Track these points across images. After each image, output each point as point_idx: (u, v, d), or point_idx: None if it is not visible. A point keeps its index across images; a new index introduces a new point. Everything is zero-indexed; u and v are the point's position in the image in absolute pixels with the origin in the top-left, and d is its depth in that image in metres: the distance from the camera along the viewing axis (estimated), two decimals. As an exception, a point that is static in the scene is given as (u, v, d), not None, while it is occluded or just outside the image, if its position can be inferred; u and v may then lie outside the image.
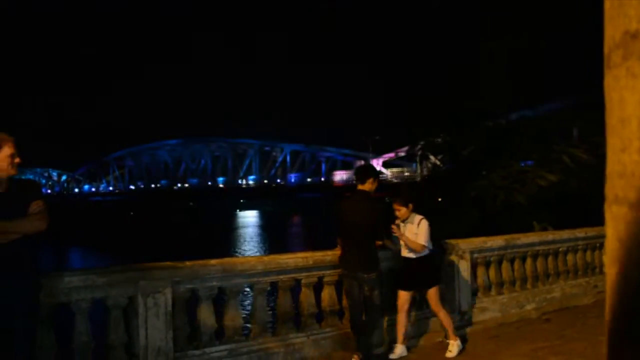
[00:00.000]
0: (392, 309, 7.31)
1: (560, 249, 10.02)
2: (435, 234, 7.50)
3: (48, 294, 5.08)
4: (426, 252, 7.07)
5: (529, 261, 9.53)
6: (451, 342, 7.26)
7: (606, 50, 1.14)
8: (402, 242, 7.16)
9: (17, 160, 4.57)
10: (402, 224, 7.12)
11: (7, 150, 4.52)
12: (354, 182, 6.99)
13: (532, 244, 9.52)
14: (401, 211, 7.09)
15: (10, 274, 4.42)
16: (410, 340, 7.38)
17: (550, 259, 9.88)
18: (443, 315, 7.32)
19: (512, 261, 9.30)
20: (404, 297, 7.21)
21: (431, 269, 7.23)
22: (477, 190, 13.25)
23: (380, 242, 6.85)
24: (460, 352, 7.24)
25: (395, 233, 7.02)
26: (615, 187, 1.12)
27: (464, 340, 7.86)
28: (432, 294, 7.26)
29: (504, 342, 7.85)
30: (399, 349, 7.12)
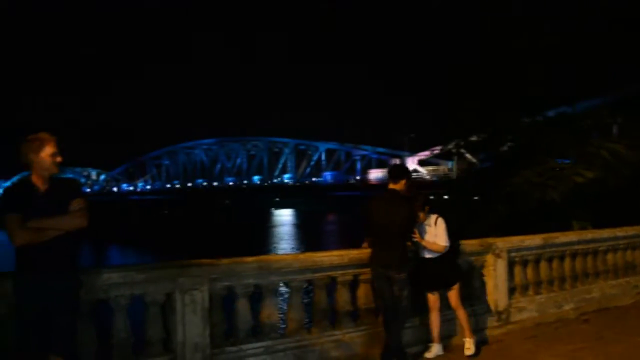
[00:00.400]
0: (422, 308, 7.28)
1: (600, 248, 9.86)
2: (461, 231, 7.49)
3: (88, 290, 5.16)
4: (445, 250, 7.04)
5: (567, 260, 9.40)
6: (468, 339, 7.21)
7: None
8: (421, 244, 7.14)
9: (58, 159, 4.67)
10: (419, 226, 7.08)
11: (49, 149, 4.62)
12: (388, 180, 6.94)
13: (571, 243, 9.39)
14: (420, 216, 7.05)
15: (52, 270, 4.51)
16: (444, 340, 7.30)
17: (589, 258, 9.73)
18: (462, 314, 7.29)
19: (550, 260, 9.17)
20: (432, 297, 7.18)
21: (450, 268, 7.20)
22: (512, 187, 13.10)
23: (410, 244, 6.83)
24: (476, 354, 7.17)
25: (415, 238, 6.95)
26: None
27: (499, 340, 7.81)
28: (452, 292, 7.24)
29: (542, 342, 7.76)
30: (435, 348, 7.09)
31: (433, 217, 7.04)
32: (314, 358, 6.51)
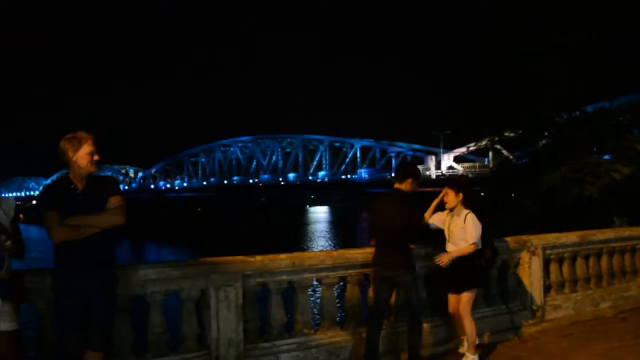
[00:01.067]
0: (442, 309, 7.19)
1: (638, 246, 9.70)
2: (490, 229, 7.17)
3: (124, 286, 5.26)
4: (472, 249, 6.62)
5: (604, 258, 9.28)
6: (468, 354, 6.74)
7: None
8: (446, 236, 6.83)
9: (96, 157, 4.77)
10: (448, 215, 6.82)
11: (87, 148, 4.72)
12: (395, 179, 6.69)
13: (608, 240, 9.26)
14: (449, 196, 6.73)
15: (89, 267, 4.61)
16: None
17: (627, 255, 9.59)
18: (469, 323, 6.74)
19: (586, 258, 9.07)
20: (453, 298, 6.89)
21: (473, 269, 6.72)
22: (549, 184, 12.93)
23: (414, 246, 6.61)
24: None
25: (439, 262, 6.68)
26: None
27: (534, 338, 7.75)
28: (466, 297, 6.76)
29: (578, 340, 7.68)
30: (470, 359, 6.73)
31: (465, 211, 6.66)
32: (346, 355, 6.52)
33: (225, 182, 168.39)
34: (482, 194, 17.26)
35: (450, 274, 6.76)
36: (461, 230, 6.65)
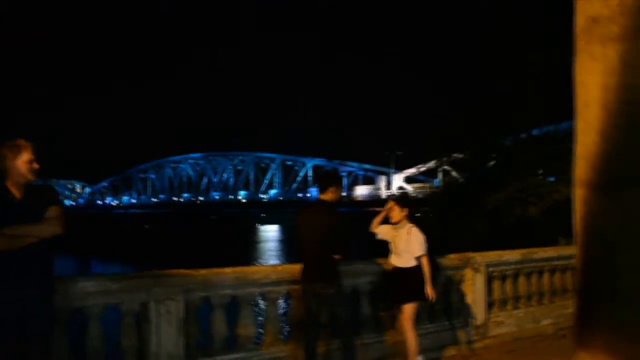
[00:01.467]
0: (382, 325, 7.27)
1: (579, 264, 9.91)
2: (441, 247, 7.31)
3: (63, 298, 5.14)
4: (416, 263, 6.75)
5: (546, 276, 9.45)
6: None
7: (574, 37, 1.17)
8: (391, 248, 6.98)
9: (35, 166, 4.65)
10: (393, 228, 6.96)
11: (26, 156, 4.60)
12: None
13: (550, 259, 9.44)
14: (395, 211, 6.87)
15: (26, 277, 4.49)
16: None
17: (568, 273, 9.77)
18: (411, 337, 6.77)
19: (528, 275, 9.22)
20: (400, 312, 6.94)
21: (415, 282, 6.76)
22: (494, 203, 13.20)
23: (339, 257, 6.28)
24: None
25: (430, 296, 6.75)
26: (578, 169, 1.15)
27: (477, 354, 7.83)
28: (409, 309, 6.81)
29: (520, 356, 7.80)
30: None
31: (409, 225, 6.83)
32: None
33: (175, 199, 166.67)
34: (431, 215, 17.52)
35: (394, 286, 6.86)
36: (406, 243, 6.79)
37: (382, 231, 7.12)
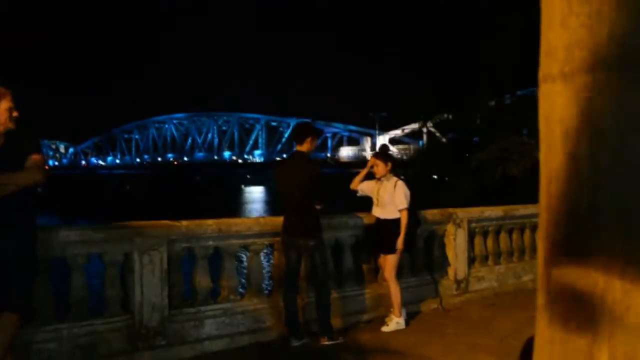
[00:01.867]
0: (364, 278, 7.36)
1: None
2: (425, 206, 7.41)
3: (45, 248, 5.12)
4: (399, 215, 6.85)
5: (527, 232, 9.54)
6: (393, 317, 6.89)
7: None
8: (374, 201, 7.07)
9: (15, 113, 4.58)
10: (377, 182, 7.05)
11: (5, 103, 4.53)
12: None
13: (531, 216, 9.51)
14: (379, 167, 6.98)
15: (7, 225, 4.46)
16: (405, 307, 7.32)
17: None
18: (394, 287, 6.90)
19: (510, 232, 9.31)
20: (382, 264, 7.08)
21: (398, 234, 6.85)
22: (477, 161, 13.26)
23: (320, 205, 6.30)
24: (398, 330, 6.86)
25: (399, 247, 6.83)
26: (543, 66, 1.14)
27: (458, 308, 7.94)
28: (392, 260, 6.92)
29: (500, 309, 7.90)
30: (394, 321, 6.87)
31: (394, 179, 6.97)
32: (272, 321, 6.54)
33: (160, 159, 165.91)
34: (416, 174, 17.60)
35: (377, 238, 6.96)
36: (390, 195, 6.90)
37: (364, 187, 7.20)
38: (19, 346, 4.79)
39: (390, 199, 6.90)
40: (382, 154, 7.29)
